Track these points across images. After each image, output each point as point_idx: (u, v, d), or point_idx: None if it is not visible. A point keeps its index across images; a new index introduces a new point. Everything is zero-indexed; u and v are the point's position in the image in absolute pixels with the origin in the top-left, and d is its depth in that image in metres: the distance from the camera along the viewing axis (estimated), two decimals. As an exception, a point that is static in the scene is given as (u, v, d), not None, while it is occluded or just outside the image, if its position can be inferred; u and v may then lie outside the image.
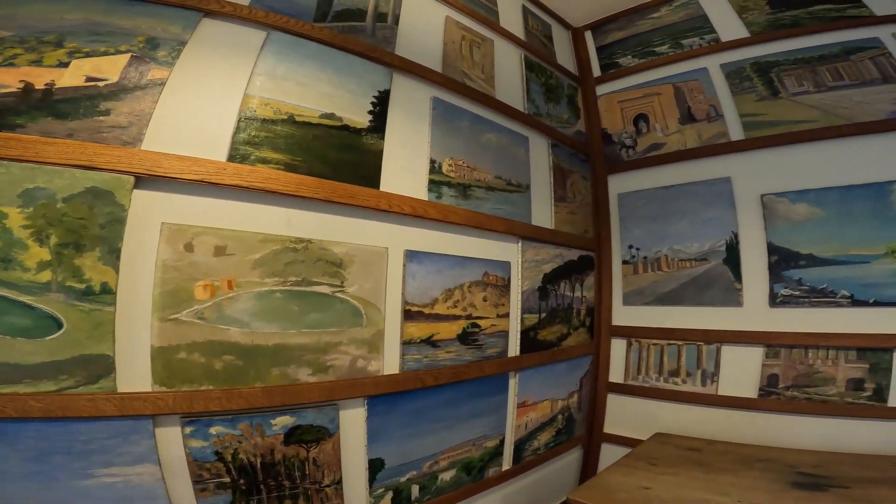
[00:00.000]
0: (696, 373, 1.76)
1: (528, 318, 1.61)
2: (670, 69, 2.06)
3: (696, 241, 1.81)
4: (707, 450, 1.55)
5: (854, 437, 1.47)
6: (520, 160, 1.70)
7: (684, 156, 1.90)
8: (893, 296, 1.45)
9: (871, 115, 1.58)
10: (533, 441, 1.66)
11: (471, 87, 1.59)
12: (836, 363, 1.52)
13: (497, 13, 1.93)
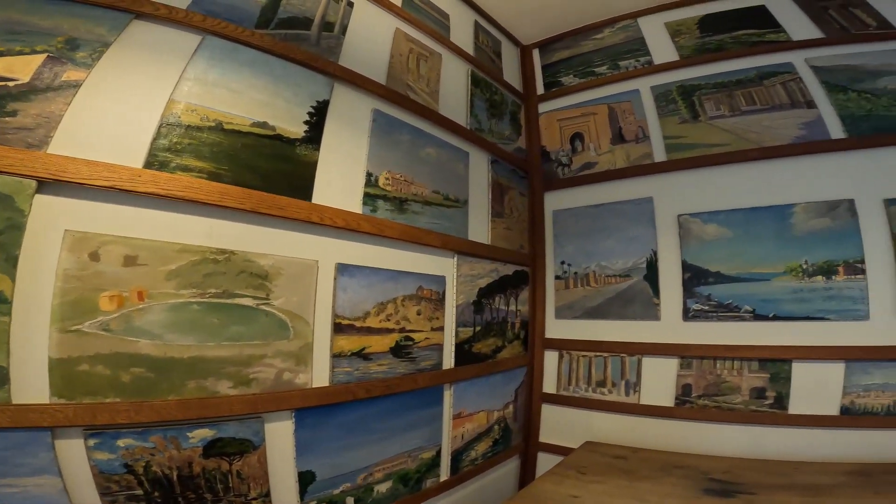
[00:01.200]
0: (620, 383, 1.91)
1: (462, 332, 1.68)
2: (607, 90, 2.23)
3: (621, 258, 1.97)
4: (632, 457, 1.67)
5: (759, 443, 1.65)
6: (459, 175, 1.78)
7: (613, 175, 2.06)
8: (791, 311, 1.65)
9: (778, 139, 1.79)
10: (470, 451, 1.72)
11: (414, 100, 1.64)
12: (741, 373, 1.70)
13: (448, 27, 2.02)
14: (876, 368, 1.52)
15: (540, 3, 2.30)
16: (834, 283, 1.60)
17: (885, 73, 1.72)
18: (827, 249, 1.62)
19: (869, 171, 1.62)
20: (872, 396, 1.52)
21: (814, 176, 1.69)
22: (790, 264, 1.67)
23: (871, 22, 1.86)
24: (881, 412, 1.51)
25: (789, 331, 1.64)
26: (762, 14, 2.04)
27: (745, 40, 2.01)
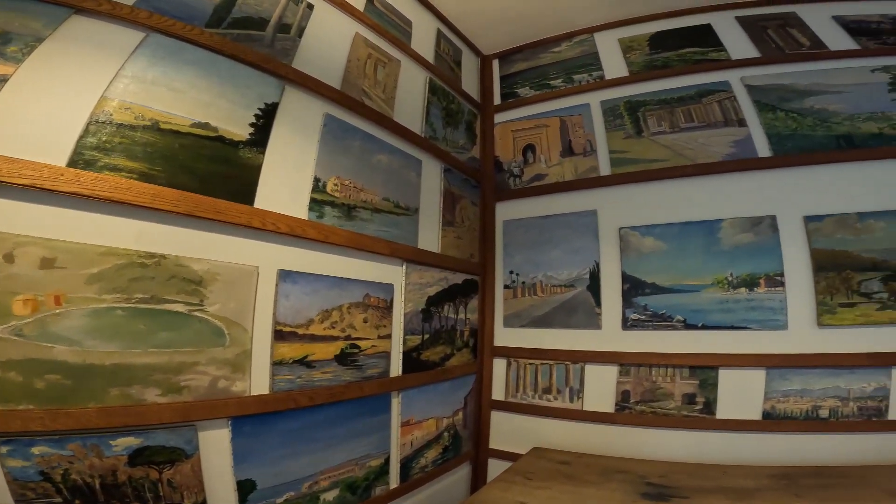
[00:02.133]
0: (565, 390, 1.99)
1: (410, 340, 1.71)
2: (560, 102, 2.33)
3: (566, 269, 2.06)
4: (576, 462, 1.74)
5: (691, 447, 1.75)
6: (411, 183, 1.81)
7: (562, 187, 2.16)
8: (718, 321, 1.78)
9: (711, 156, 1.93)
10: (420, 459, 1.74)
11: (368, 106, 1.66)
12: (674, 380, 1.82)
13: (410, 34, 2.06)
14: (794, 375, 1.67)
15: (503, 15, 2.38)
16: (756, 295, 1.75)
17: (812, 93, 1.89)
18: (750, 263, 1.77)
19: (791, 189, 1.79)
20: (791, 401, 1.67)
21: (741, 192, 1.85)
22: (717, 277, 1.81)
23: (804, 42, 2.03)
24: (800, 416, 1.66)
25: (716, 339, 1.78)
26: (708, 33, 2.20)
27: (689, 58, 2.16)
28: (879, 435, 1.58)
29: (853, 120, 1.81)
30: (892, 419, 1.57)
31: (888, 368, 1.59)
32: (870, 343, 1.61)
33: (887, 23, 1.99)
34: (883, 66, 1.86)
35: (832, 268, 1.67)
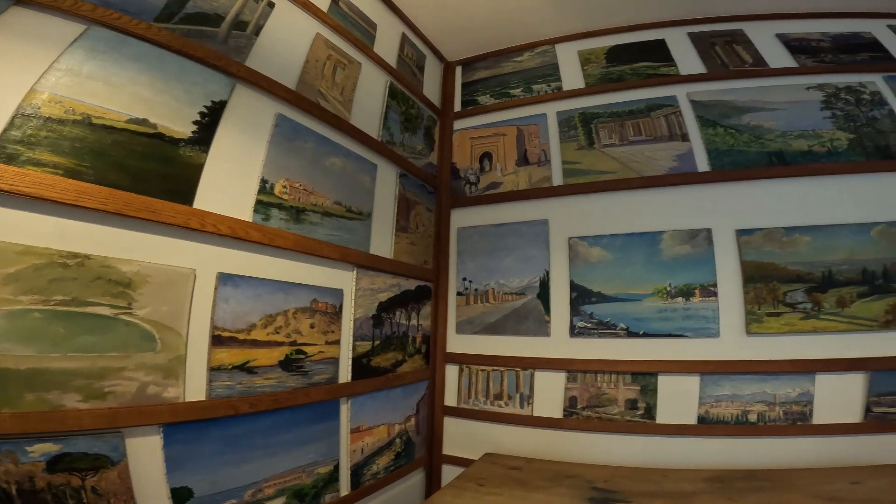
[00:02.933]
0: (515, 396, 2.04)
1: (360, 346, 1.71)
2: (518, 112, 2.40)
3: (517, 277, 2.13)
4: (527, 468, 1.77)
5: (634, 451, 1.84)
6: (364, 187, 1.82)
7: (516, 196, 2.22)
8: (658, 328, 1.88)
9: (655, 170, 2.04)
10: (371, 465, 1.74)
11: (324, 107, 1.66)
12: (617, 386, 1.90)
13: (374, 37, 2.07)
14: (726, 381, 1.78)
15: (469, 22, 2.43)
16: (691, 304, 1.86)
17: (749, 110, 2.03)
18: (687, 274, 1.89)
19: (725, 203, 1.91)
20: (723, 406, 1.78)
21: (681, 206, 1.96)
22: (657, 286, 1.92)
23: (748, 59, 2.18)
24: (731, 421, 1.77)
25: (655, 347, 1.88)
26: (661, 48, 2.32)
27: (642, 72, 2.27)
28: (804, 438, 1.71)
29: (785, 137, 1.96)
30: (816, 423, 1.70)
31: (811, 374, 1.72)
32: (794, 350, 1.74)
33: (826, 41, 2.16)
34: (817, 84, 2.03)
35: (760, 279, 1.80)
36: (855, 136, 1.90)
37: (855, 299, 1.72)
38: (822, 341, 1.73)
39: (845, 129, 1.92)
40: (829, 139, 1.91)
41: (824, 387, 1.71)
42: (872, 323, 1.70)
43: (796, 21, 2.24)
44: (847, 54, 2.10)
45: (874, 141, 1.87)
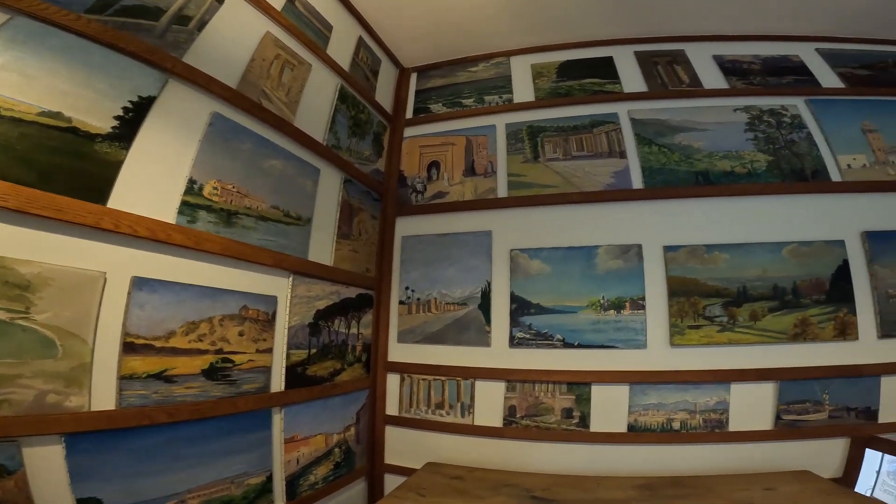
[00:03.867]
0: (457, 405, 2.06)
1: (295, 354, 1.67)
2: (469, 122, 2.45)
3: (460, 287, 2.15)
4: (468, 477, 1.79)
5: (570, 459, 1.90)
6: (305, 192, 1.80)
7: (461, 206, 2.25)
8: (591, 340, 1.96)
9: (594, 185, 2.13)
10: (308, 476, 1.70)
11: (266, 108, 1.63)
12: (554, 395, 1.96)
13: (328, 39, 2.06)
14: (652, 390, 1.88)
15: (428, 30, 2.46)
16: (622, 317, 1.96)
17: (682, 129, 2.16)
18: (619, 287, 1.98)
19: (655, 220, 2.03)
20: (650, 415, 1.88)
21: (616, 221, 2.06)
22: (592, 299, 2.00)
23: (685, 79, 2.32)
24: (657, 429, 1.86)
25: (589, 357, 1.96)
26: (609, 65, 2.43)
27: (589, 88, 2.37)
28: (722, 445, 1.83)
29: (711, 157, 2.10)
30: (732, 431, 1.83)
31: (727, 384, 1.85)
32: (712, 361, 1.87)
33: (757, 63, 2.34)
34: (744, 106, 2.19)
35: (683, 293, 1.92)
36: (773, 158, 2.07)
37: (766, 313, 1.87)
38: (736, 352, 1.86)
39: (765, 151, 2.09)
40: (749, 161, 2.08)
41: (739, 396, 1.84)
42: (782, 336, 1.85)
43: (733, 43, 2.42)
44: (774, 77, 2.28)
45: (790, 164, 2.05)
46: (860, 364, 1.80)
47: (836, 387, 1.79)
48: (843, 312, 1.84)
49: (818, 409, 1.80)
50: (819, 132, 2.11)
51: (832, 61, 2.31)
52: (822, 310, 1.85)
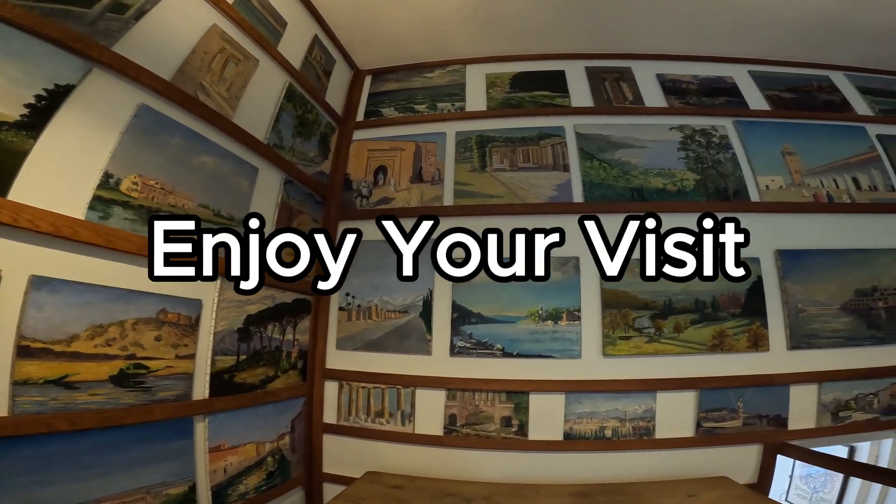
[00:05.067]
0: (397, 413, 2.04)
1: (222, 361, 1.61)
2: (420, 128, 2.46)
3: (402, 295, 2.15)
4: (408, 486, 1.78)
5: (510, 467, 1.93)
6: (241, 191, 1.74)
7: (405, 213, 2.24)
8: (530, 350, 2.00)
9: (538, 197, 2.18)
10: (238, 486, 1.63)
11: (202, 102, 1.57)
12: (493, 404, 1.99)
13: (281, 35, 2.02)
14: (586, 398, 1.94)
15: (387, 33, 2.46)
16: (559, 327, 2.02)
17: (622, 146, 2.26)
18: (557, 299, 2.04)
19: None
20: (584, 423, 1.94)
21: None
22: (531, 310, 2.05)
23: (629, 96, 2.42)
24: (591, 437, 1.92)
25: (527, 367, 2.00)
26: (560, 79, 2.51)
27: (539, 101, 2.44)
28: (649, 452, 1.92)
29: (647, 174, 2.21)
30: (658, 438, 1.91)
31: (653, 393, 1.94)
32: (640, 370, 1.96)
33: (695, 83, 2.48)
34: (679, 125, 2.32)
35: (615, 305, 2.01)
36: (701, 177, 2.21)
37: (688, 325, 1.99)
38: (662, 362, 1.96)
39: (695, 169, 2.22)
40: (680, 179, 2.20)
41: (664, 404, 1.94)
42: (701, 346, 1.97)
43: (676, 62, 2.56)
44: (709, 97, 2.44)
45: (716, 183, 2.19)
46: (771, 374, 1.94)
47: (750, 395, 1.92)
48: (756, 325, 1.98)
49: (734, 416, 1.92)
50: (743, 153, 2.27)
51: (762, 83, 2.49)
52: (737, 322, 1.99)
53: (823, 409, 1.93)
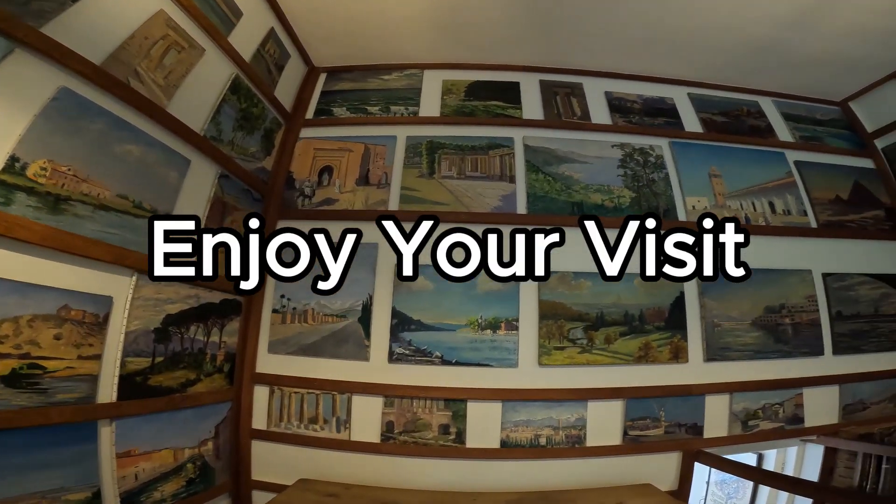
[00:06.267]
0: (332, 420, 1.98)
1: (134, 362, 1.49)
2: (371, 130, 2.42)
3: (340, 299, 2.09)
4: (344, 494, 1.74)
5: (447, 475, 1.91)
6: (168, 183, 1.64)
7: (349, 215, 2.20)
8: (469, 358, 2.01)
9: (483, 206, 2.19)
10: (152, 492, 1.53)
11: (133, 89, 1.47)
12: (432, 411, 1.97)
13: (234, 26, 1.95)
14: (522, 407, 1.97)
15: (348, 31, 2.42)
16: (497, 336, 2.03)
17: (567, 160, 2.32)
18: (496, 308, 2.06)
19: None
20: (520, 431, 1.96)
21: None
22: (470, 318, 2.06)
23: (578, 111, 2.49)
24: (526, 444, 1.94)
25: (466, 375, 2.00)
26: (514, 90, 2.55)
27: (492, 111, 2.46)
28: (581, 460, 1.96)
29: (587, 189, 2.29)
30: (589, 446, 1.96)
31: (585, 402, 1.99)
32: (573, 380, 2.01)
33: (639, 103, 2.58)
34: (620, 143, 2.41)
35: (551, 317, 2.05)
36: (636, 195, 2.31)
37: (618, 337, 2.07)
38: (593, 372, 2.03)
39: (631, 187, 2.32)
40: (617, 195, 2.30)
41: (594, 413, 1.99)
42: (629, 357, 2.05)
43: (624, 81, 2.66)
44: (650, 117, 2.55)
45: (649, 202, 2.30)
46: (690, 384, 2.05)
47: (671, 405, 2.02)
48: (677, 338, 2.09)
49: (656, 425, 2.01)
50: (675, 173, 2.40)
51: (698, 106, 2.64)
52: (661, 335, 2.09)
53: (734, 418, 2.06)
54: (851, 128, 2.75)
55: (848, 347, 2.22)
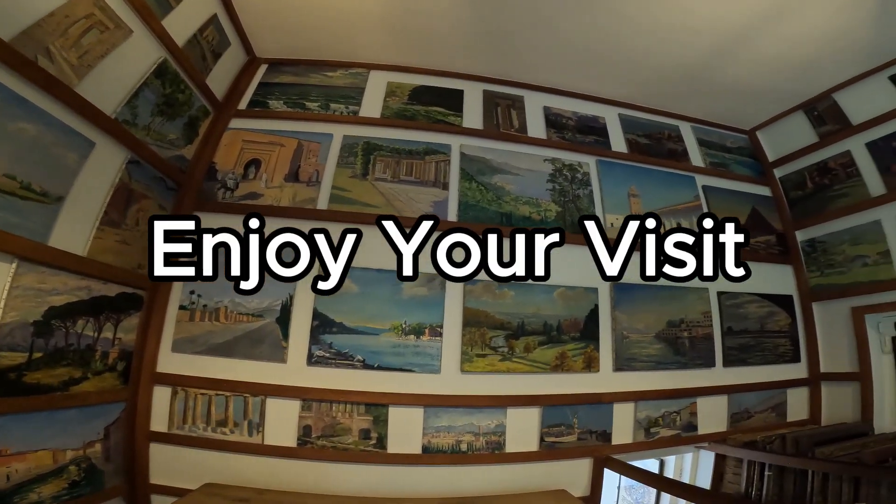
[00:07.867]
0: (243, 423, 1.87)
1: (7, 357, 1.31)
2: (306, 126, 2.34)
3: (257, 298, 1.99)
4: (257, 499, 1.66)
5: (368, 480, 1.86)
6: (65, 165, 1.47)
7: (274, 212, 2.10)
8: (391, 363, 1.97)
9: (414, 211, 2.17)
10: (28, 494, 1.38)
11: (37, 66, 1.34)
12: (352, 416, 1.91)
13: (172, 8, 1.85)
14: (444, 413, 1.96)
15: (294, 24, 2.33)
16: (421, 342, 2.02)
17: (500, 171, 2.36)
18: (421, 313, 2.05)
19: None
20: (442, 437, 1.94)
21: (427, 249, 2.08)
22: (394, 323, 2.03)
23: (516, 123, 2.52)
24: (448, 450, 1.93)
25: (388, 379, 1.96)
26: (458, 97, 2.55)
27: (433, 116, 2.45)
28: (500, 466, 1.98)
29: (517, 201, 2.33)
30: (508, 452, 1.99)
31: (504, 408, 2.02)
32: (493, 387, 2.03)
33: (573, 120, 2.66)
34: (552, 158, 2.48)
35: (475, 324, 2.07)
36: (562, 209, 2.39)
37: (537, 346, 2.12)
38: (512, 380, 2.06)
39: (558, 202, 2.40)
40: (544, 209, 2.36)
41: (513, 419, 2.03)
42: (546, 366, 2.11)
43: (562, 97, 2.74)
44: (582, 134, 2.64)
45: (573, 217, 2.38)
46: (600, 392, 2.14)
47: (583, 412, 2.10)
48: (590, 348, 2.18)
49: (570, 431, 2.07)
50: (598, 191, 2.51)
51: (625, 126, 2.78)
52: (576, 345, 2.17)
53: (639, 426, 2.17)
54: (755, 156, 3.00)
55: (736, 360, 2.42)
